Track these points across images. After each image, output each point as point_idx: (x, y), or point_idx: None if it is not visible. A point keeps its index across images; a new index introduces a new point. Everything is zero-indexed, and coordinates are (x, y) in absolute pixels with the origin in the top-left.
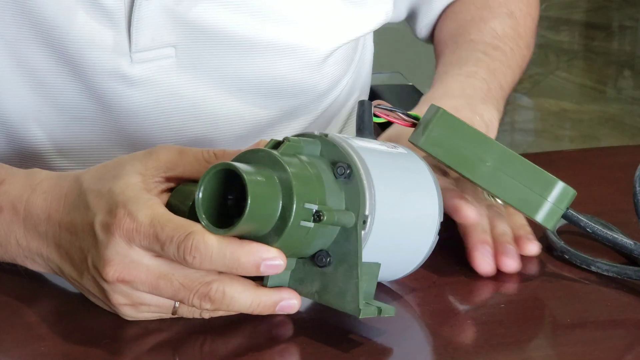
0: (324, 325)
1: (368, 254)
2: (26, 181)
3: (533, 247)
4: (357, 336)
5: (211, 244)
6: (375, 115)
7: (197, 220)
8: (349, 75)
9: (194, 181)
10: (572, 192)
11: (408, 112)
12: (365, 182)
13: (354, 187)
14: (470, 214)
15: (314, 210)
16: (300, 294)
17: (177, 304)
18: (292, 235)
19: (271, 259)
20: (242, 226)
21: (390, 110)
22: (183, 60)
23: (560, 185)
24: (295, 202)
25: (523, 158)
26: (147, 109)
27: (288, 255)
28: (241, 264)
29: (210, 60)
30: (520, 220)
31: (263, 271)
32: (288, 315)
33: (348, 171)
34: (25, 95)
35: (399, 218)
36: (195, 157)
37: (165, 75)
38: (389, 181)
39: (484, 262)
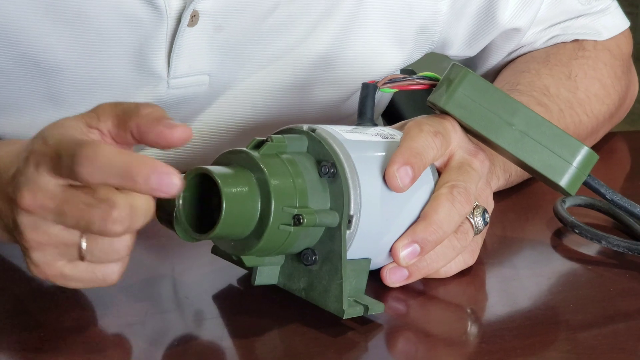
0: (314, 311)
1: (356, 251)
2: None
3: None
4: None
5: (101, 153)
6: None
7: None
8: None
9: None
10: (596, 157)
11: (423, 74)
12: (350, 181)
13: (339, 186)
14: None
15: (294, 214)
16: (289, 289)
17: (83, 245)
18: (272, 238)
19: (165, 173)
20: (220, 231)
21: (402, 80)
22: (215, 87)
23: (585, 150)
24: (273, 205)
25: (550, 122)
26: None
27: (273, 254)
28: (132, 174)
29: (239, 79)
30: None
31: (156, 185)
32: (277, 301)
33: (332, 170)
34: (48, 110)
35: (388, 213)
36: (124, 109)
37: (195, 101)
38: (378, 177)
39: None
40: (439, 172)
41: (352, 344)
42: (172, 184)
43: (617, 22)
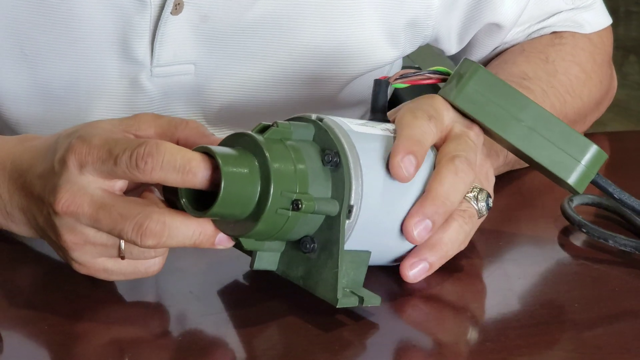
0: (310, 304)
1: (356, 243)
2: (18, 140)
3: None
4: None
5: (163, 149)
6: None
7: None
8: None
9: None
10: (605, 156)
11: (435, 69)
12: (352, 171)
13: (341, 175)
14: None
15: (293, 199)
16: (288, 277)
17: (122, 245)
18: (270, 222)
19: None
20: (218, 209)
21: (414, 75)
22: (201, 77)
23: (594, 149)
24: (272, 188)
25: (559, 119)
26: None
27: (271, 239)
28: (192, 167)
29: (227, 71)
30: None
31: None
32: (281, 297)
33: (336, 159)
34: (33, 103)
35: (390, 206)
36: (169, 121)
37: (181, 90)
38: (381, 170)
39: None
40: (438, 148)
41: (352, 341)
42: None
43: (601, 20)
